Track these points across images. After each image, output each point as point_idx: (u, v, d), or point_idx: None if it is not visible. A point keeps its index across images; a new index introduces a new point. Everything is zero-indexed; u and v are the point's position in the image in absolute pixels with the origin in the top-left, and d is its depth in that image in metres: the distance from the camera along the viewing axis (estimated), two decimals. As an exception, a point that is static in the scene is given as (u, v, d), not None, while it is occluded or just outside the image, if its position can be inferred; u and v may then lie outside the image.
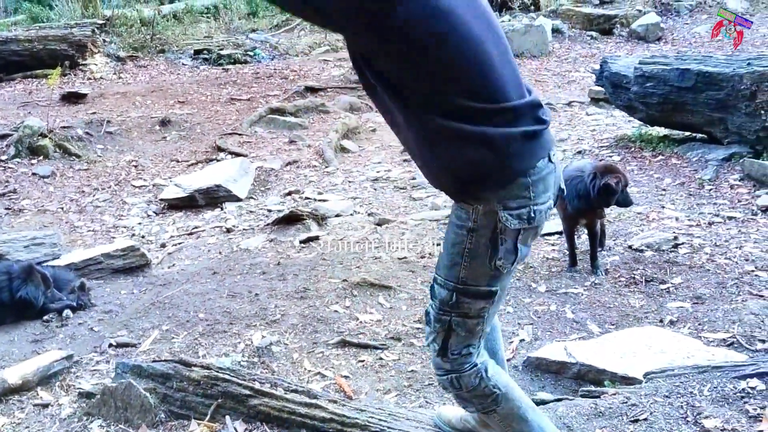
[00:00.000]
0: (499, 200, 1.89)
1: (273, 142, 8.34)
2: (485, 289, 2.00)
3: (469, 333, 2.06)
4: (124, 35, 12.74)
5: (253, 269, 4.69)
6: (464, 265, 1.97)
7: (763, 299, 3.79)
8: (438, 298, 2.04)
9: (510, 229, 1.91)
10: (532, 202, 1.91)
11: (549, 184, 1.95)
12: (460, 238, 1.96)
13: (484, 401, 2.14)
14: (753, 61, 5.93)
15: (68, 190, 6.91)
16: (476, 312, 2.03)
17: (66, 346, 3.80)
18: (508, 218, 1.90)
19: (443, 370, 2.12)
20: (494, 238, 1.93)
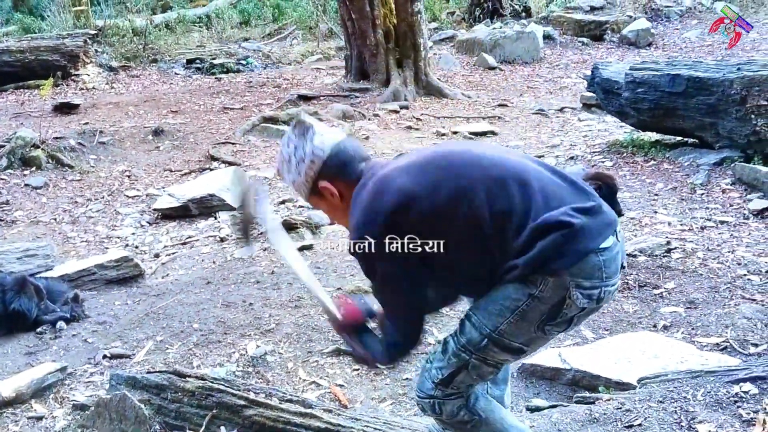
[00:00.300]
0: (572, 278, 1.88)
1: (266, 150, 8.34)
2: (517, 346, 1.98)
3: (479, 377, 2.06)
4: (117, 45, 12.75)
5: (248, 278, 4.68)
6: (509, 321, 1.94)
7: (755, 303, 3.81)
8: (466, 335, 2.00)
9: (577, 306, 1.91)
10: (604, 283, 1.91)
11: (618, 264, 1.96)
12: (516, 296, 1.92)
13: (463, 427, 2.13)
14: (743, 66, 5.97)
15: (61, 200, 6.90)
16: (496, 362, 2.02)
17: (60, 358, 3.79)
18: (579, 297, 1.89)
19: (428, 395, 2.09)
20: (556, 310, 1.91)
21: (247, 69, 12.72)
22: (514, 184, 1.91)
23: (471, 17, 14.55)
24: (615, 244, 1.93)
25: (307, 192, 2.10)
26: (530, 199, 1.89)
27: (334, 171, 2.05)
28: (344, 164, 2.05)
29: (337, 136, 2.11)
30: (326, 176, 2.05)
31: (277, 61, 13.32)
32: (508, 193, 1.90)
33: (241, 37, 14.80)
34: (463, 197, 1.90)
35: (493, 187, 1.90)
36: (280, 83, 11.42)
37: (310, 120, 2.12)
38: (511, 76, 11.32)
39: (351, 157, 2.07)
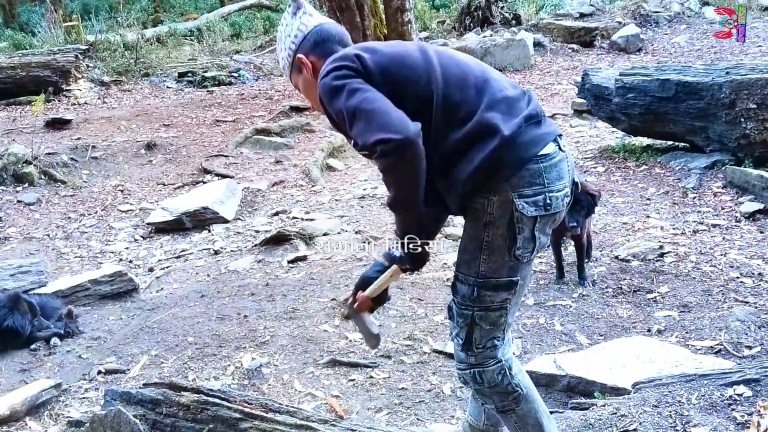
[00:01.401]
0: (513, 188, 1.93)
1: (259, 162, 8.35)
2: (506, 280, 2.02)
3: (493, 325, 2.07)
4: (108, 60, 12.74)
5: (242, 291, 4.68)
6: (483, 259, 2.00)
7: (748, 306, 3.82)
8: (459, 293, 2.07)
9: (527, 217, 1.95)
10: (547, 189, 1.95)
11: (562, 171, 2.00)
12: (476, 232, 2.00)
13: (505, 399, 2.14)
14: (731, 70, 6.01)
15: (54, 216, 6.89)
16: (498, 304, 2.05)
17: (54, 374, 3.77)
18: (524, 206, 1.94)
19: (466, 364, 2.13)
20: (511, 228, 1.96)
21: (239, 81, 12.73)
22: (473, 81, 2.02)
23: (461, 26, 14.60)
24: (556, 152, 1.99)
25: (289, 66, 2.23)
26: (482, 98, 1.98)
27: (311, 45, 2.18)
28: (322, 41, 2.17)
29: (325, 19, 2.26)
30: (303, 50, 2.18)
31: (269, 72, 13.33)
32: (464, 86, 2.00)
33: (233, 50, 14.82)
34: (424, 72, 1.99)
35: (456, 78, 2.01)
36: (272, 95, 11.44)
37: (304, 1, 2.25)
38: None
39: (330, 36, 2.19)
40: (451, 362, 3.62)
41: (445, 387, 3.41)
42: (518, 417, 2.17)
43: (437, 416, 3.18)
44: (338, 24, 2.30)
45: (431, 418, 3.16)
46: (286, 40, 2.21)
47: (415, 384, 3.45)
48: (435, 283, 4.53)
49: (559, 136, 2.04)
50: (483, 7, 14.21)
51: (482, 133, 1.93)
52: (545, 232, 2.02)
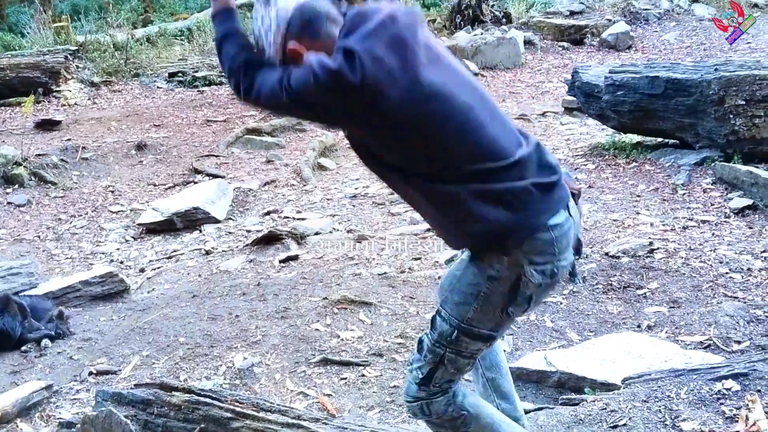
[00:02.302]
0: (525, 254, 1.91)
1: (250, 162, 8.34)
2: (487, 333, 2.02)
3: (457, 370, 2.07)
4: (98, 60, 12.68)
5: (233, 291, 4.68)
6: (475, 308, 1.97)
7: (737, 301, 3.85)
8: (438, 330, 2.03)
9: (533, 284, 1.94)
10: (556, 258, 1.95)
11: (570, 240, 2.00)
12: (477, 280, 1.96)
13: (454, 424, 2.14)
14: (720, 67, 6.04)
15: (44, 218, 6.86)
16: (470, 352, 2.05)
17: (45, 376, 3.76)
18: (533, 273, 1.92)
19: (414, 397, 2.11)
20: (515, 289, 1.95)
21: (229, 81, 12.69)
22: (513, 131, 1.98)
23: (452, 24, 14.60)
24: (567, 219, 1.97)
25: (281, 58, 1.99)
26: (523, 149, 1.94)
27: (299, 29, 1.96)
28: (309, 21, 1.96)
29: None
30: (292, 36, 1.96)
31: (260, 72, 13.30)
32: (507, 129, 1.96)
33: (224, 50, 14.77)
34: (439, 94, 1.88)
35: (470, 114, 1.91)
36: (263, 94, 11.41)
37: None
38: (493, 81, 11.37)
39: (317, 14, 1.97)
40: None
41: (436, 384, 3.41)
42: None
43: (429, 414, 3.18)
44: None
45: (423, 415, 3.17)
46: (268, 35, 1.98)
47: (406, 382, 3.45)
48: (426, 281, 4.53)
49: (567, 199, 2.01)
50: (473, 5, 14.21)
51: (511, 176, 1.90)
52: (541, 297, 2.05)
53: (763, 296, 3.87)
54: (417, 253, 5.06)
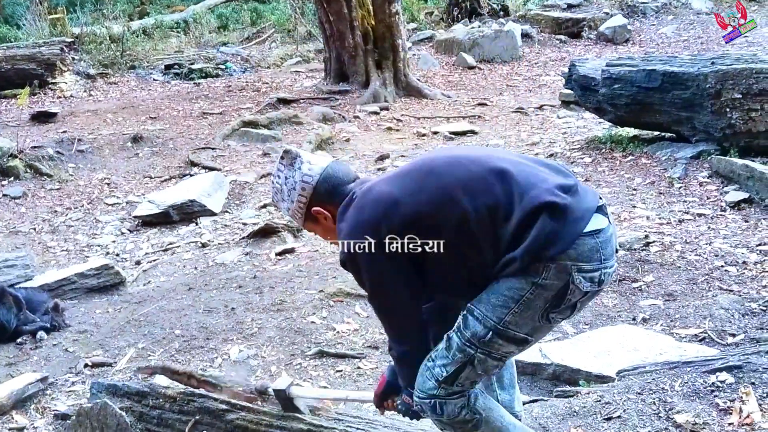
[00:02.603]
0: (573, 261, 1.90)
1: (246, 155, 8.32)
2: (522, 336, 1.98)
3: (484, 372, 2.05)
4: (94, 52, 12.65)
5: (229, 283, 4.68)
6: (514, 311, 1.94)
7: (732, 294, 3.86)
8: (470, 329, 1.99)
9: (580, 291, 1.92)
10: (603, 266, 1.93)
11: (613, 245, 1.98)
12: (520, 286, 1.92)
13: (464, 427, 2.10)
14: (716, 60, 6.04)
15: (40, 210, 6.85)
16: (501, 354, 2.02)
17: (40, 368, 3.76)
18: (581, 281, 1.91)
19: (429, 394, 2.05)
20: (560, 296, 1.92)
21: (226, 73, 12.67)
22: (493, 176, 1.95)
23: (449, 17, 14.58)
24: (608, 226, 1.97)
25: (302, 218, 2.20)
26: (511, 186, 1.93)
27: (324, 195, 2.14)
28: (334, 188, 2.14)
29: (325, 161, 2.20)
30: (318, 201, 2.14)
31: (256, 64, 13.28)
32: (488, 186, 1.94)
33: (220, 42, 14.74)
34: (445, 197, 1.94)
35: (474, 183, 1.95)
36: (260, 87, 11.40)
37: (296, 150, 2.20)
38: (491, 75, 11.36)
39: (340, 180, 2.15)
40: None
41: (432, 377, 3.42)
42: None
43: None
44: (337, 161, 2.28)
45: (418, 407, 3.18)
46: (291, 194, 2.15)
47: (402, 374, 3.46)
48: (422, 274, 4.53)
49: (604, 206, 2.00)
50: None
51: (530, 216, 1.89)
52: (586, 304, 2.03)
53: (758, 289, 3.88)
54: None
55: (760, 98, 5.56)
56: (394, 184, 2.04)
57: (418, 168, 2.08)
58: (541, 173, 1.98)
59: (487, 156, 2.05)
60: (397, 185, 2.03)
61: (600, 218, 1.95)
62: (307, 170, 2.14)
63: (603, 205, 2.00)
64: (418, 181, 2.01)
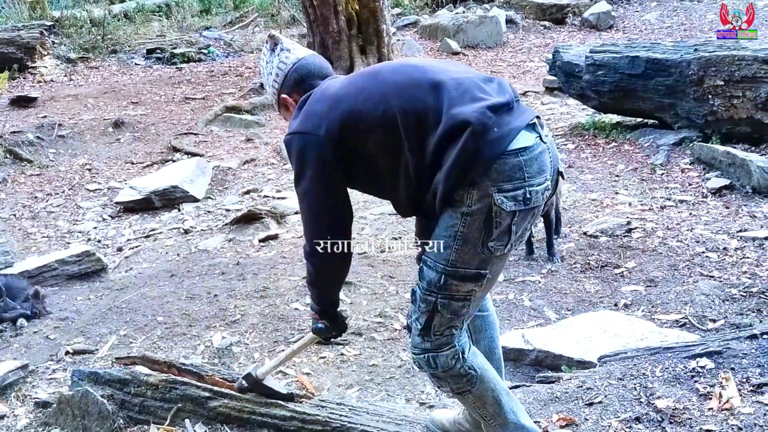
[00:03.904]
0: (492, 182, 1.90)
1: (229, 140, 8.27)
2: (474, 272, 2.00)
3: (454, 315, 2.06)
4: (74, 36, 12.48)
5: (212, 270, 4.65)
6: (455, 248, 1.98)
7: (713, 280, 3.89)
8: (426, 279, 2.04)
9: (505, 212, 1.92)
10: (527, 183, 1.92)
11: (544, 164, 1.96)
12: (452, 221, 1.97)
13: (459, 381, 2.13)
14: (699, 47, 6.07)
15: (20, 196, 6.77)
16: (463, 294, 2.04)
17: (21, 355, 3.73)
18: (503, 201, 1.91)
19: (420, 349, 2.12)
20: (488, 220, 1.93)
21: (208, 58, 12.55)
22: (428, 85, 2.00)
23: (434, 2, 14.51)
24: (537, 144, 1.96)
25: (276, 103, 2.35)
26: (442, 98, 1.97)
27: (293, 85, 2.26)
28: (302, 79, 2.25)
29: (303, 52, 2.31)
30: (286, 89, 2.28)
31: (239, 49, 13.15)
32: (421, 94, 1.99)
33: (202, 26, 14.57)
34: (380, 98, 2.01)
35: (409, 89, 2.01)
36: (243, 72, 11.31)
37: (280, 36, 2.33)
38: (475, 60, 11.33)
39: (310, 73, 2.26)
40: (421, 338, 3.64)
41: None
42: (475, 398, 2.17)
43: (407, 392, 3.20)
44: (317, 55, 2.35)
45: (402, 393, 3.19)
46: (268, 78, 2.31)
47: (385, 360, 3.47)
48: (406, 261, 4.54)
49: (537, 125, 1.99)
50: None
51: (453, 130, 1.91)
52: (523, 226, 1.99)
53: (739, 275, 3.92)
54: (397, 232, 5.06)
55: (742, 85, 5.60)
56: (345, 85, 2.13)
57: (368, 72, 2.18)
58: (477, 91, 1.98)
59: (432, 67, 2.09)
60: (346, 86, 2.12)
61: (527, 135, 1.94)
62: (284, 58, 2.27)
63: (535, 123, 1.99)
64: (363, 83, 2.10)
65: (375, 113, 2.00)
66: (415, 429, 2.52)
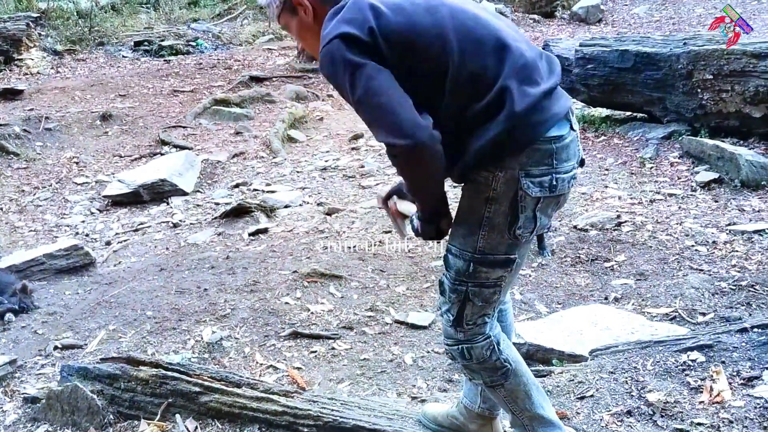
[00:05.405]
0: (521, 167, 1.85)
1: (218, 133, 8.22)
2: (503, 257, 1.95)
3: (485, 302, 2.02)
4: (61, 28, 12.37)
5: (202, 264, 4.63)
6: (482, 235, 1.92)
7: (703, 273, 3.91)
8: (453, 268, 1.99)
9: (530, 197, 1.87)
10: (555, 170, 1.88)
11: (572, 153, 1.93)
12: (477, 207, 1.91)
13: (493, 374, 2.10)
14: (689, 41, 6.08)
15: (7, 189, 6.71)
16: (493, 281, 1.99)
17: (9, 350, 3.69)
18: (529, 185, 1.86)
19: (454, 340, 2.07)
20: (514, 206, 1.88)
21: (197, 50, 12.48)
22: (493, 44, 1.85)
23: (423, -5, 14.49)
24: (569, 133, 1.91)
25: (279, 6, 2.01)
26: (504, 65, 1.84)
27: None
28: None
29: None
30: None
31: (228, 42, 13.09)
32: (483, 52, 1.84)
33: (190, 18, 14.49)
34: (439, 37, 1.82)
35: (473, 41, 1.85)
36: (231, 65, 11.25)
37: None
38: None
39: None
40: (411, 332, 3.65)
41: (406, 357, 3.43)
42: (507, 391, 2.13)
43: (399, 386, 3.20)
44: None
45: (393, 388, 3.18)
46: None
47: (376, 354, 3.46)
48: (397, 255, 4.53)
49: (570, 111, 1.94)
50: (445, -24, 14.11)
51: (500, 104, 1.81)
52: (547, 213, 1.95)
53: (728, 269, 3.94)
54: (387, 226, 5.04)
55: (731, 79, 5.62)
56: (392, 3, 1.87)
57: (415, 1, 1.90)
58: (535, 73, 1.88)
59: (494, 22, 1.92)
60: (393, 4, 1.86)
61: (562, 123, 1.90)
62: None
63: (569, 110, 1.94)
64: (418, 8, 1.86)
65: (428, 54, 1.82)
66: (407, 423, 2.51)
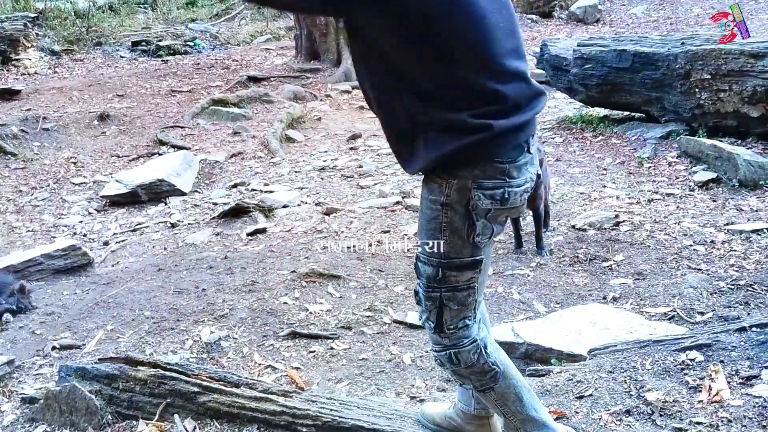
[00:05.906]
0: (474, 178, 1.87)
1: (216, 134, 8.22)
2: (470, 260, 1.97)
3: (462, 305, 2.02)
4: (59, 28, 12.37)
5: (200, 264, 4.62)
6: (445, 239, 1.94)
7: (701, 272, 3.91)
8: (424, 275, 2.01)
9: (481, 207, 1.89)
10: (507, 184, 1.89)
11: (526, 171, 1.94)
12: (435, 213, 1.93)
13: (482, 378, 2.10)
14: (686, 41, 6.08)
15: (5, 190, 6.70)
16: (465, 284, 2.00)
17: (7, 351, 3.68)
18: (480, 197, 1.88)
19: (441, 345, 2.08)
20: (468, 213, 1.90)
21: (194, 50, 12.48)
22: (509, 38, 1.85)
23: (421, -5, 14.49)
24: (525, 155, 1.91)
25: None
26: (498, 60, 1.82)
27: None
28: None
29: None
30: None
31: (226, 42, 13.10)
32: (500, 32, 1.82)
33: (188, 18, 14.50)
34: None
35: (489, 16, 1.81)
36: (229, 65, 11.25)
37: None
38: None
39: None
40: (410, 332, 3.65)
41: (405, 357, 3.42)
42: (497, 395, 2.13)
43: (397, 386, 3.19)
44: None
45: (391, 387, 3.18)
46: None
47: (375, 354, 3.46)
48: (395, 255, 4.53)
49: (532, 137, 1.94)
50: (442, -24, 14.12)
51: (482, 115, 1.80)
52: (498, 222, 1.97)
53: (726, 268, 3.94)
54: (386, 226, 5.05)
55: (729, 79, 5.62)
56: None
57: None
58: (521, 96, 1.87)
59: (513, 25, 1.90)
60: None
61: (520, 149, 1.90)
62: None
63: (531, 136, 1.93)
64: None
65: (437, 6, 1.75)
66: (405, 423, 2.51)
